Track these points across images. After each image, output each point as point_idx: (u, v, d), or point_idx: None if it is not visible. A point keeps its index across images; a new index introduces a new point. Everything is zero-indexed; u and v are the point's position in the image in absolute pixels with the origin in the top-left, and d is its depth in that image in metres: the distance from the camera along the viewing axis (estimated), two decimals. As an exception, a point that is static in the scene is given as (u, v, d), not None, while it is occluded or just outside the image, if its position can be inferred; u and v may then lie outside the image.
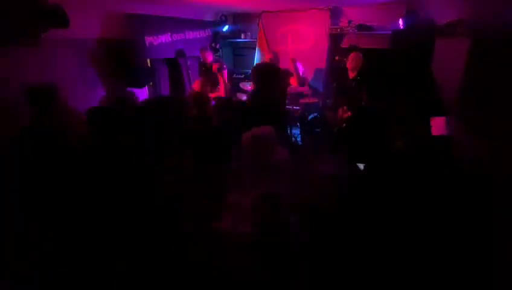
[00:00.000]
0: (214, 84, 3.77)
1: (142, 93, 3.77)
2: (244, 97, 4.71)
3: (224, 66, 3.95)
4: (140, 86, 3.49)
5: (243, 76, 5.57)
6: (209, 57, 4.01)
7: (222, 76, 3.81)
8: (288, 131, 4.34)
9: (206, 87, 3.11)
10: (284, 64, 4.67)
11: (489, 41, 1.66)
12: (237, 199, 1.62)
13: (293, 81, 4.13)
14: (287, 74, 3.65)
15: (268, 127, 1.59)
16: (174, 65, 4.08)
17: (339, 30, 4.45)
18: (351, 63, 3.17)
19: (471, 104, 1.77)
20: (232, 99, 2.62)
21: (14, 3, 1.98)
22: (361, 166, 1.93)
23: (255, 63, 5.04)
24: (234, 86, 5.40)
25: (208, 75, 3.87)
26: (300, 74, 4.35)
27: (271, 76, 2.37)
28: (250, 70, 3.50)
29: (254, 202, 1.47)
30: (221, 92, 3.78)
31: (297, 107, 4.33)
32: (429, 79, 2.55)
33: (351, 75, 3.20)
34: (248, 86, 4.75)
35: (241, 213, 1.54)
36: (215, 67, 3.72)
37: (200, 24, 4.72)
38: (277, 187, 1.53)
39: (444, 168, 1.11)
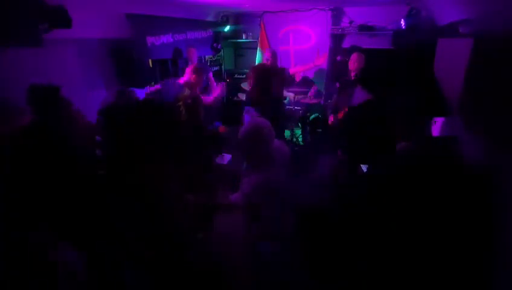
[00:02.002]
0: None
1: (143, 94, 3.78)
2: (244, 97, 4.71)
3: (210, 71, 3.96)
4: (141, 86, 3.50)
5: (244, 76, 5.58)
6: (194, 55, 3.95)
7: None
8: (290, 132, 4.35)
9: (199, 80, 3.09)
10: (285, 64, 4.68)
11: (492, 41, 1.66)
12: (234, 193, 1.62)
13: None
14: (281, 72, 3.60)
15: (265, 120, 1.59)
16: (165, 65, 4.06)
17: (340, 30, 4.45)
18: (354, 64, 3.14)
19: (473, 104, 1.77)
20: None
21: (17, 3, 1.98)
22: (363, 166, 1.93)
23: (256, 63, 5.05)
24: (235, 86, 5.42)
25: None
26: (301, 75, 4.35)
27: (266, 78, 2.43)
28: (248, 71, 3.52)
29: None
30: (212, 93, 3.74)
31: (299, 108, 4.33)
32: (431, 79, 2.55)
33: (353, 76, 3.17)
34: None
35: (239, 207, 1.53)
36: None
37: (202, 24, 4.72)
38: (274, 178, 1.52)
39: (450, 169, 1.11)
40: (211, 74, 4.04)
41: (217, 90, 3.70)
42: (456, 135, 1.39)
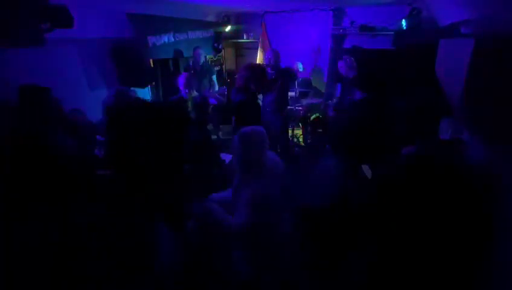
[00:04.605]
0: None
1: (144, 94, 3.78)
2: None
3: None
4: (142, 86, 3.50)
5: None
6: (199, 56, 4.02)
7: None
8: (291, 132, 4.35)
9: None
10: (286, 64, 4.67)
11: (494, 42, 1.65)
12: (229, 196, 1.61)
13: None
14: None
15: (259, 127, 1.58)
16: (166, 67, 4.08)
17: (341, 31, 4.44)
18: (343, 70, 3.21)
19: (475, 105, 1.76)
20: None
21: (18, 3, 1.98)
22: (364, 167, 1.92)
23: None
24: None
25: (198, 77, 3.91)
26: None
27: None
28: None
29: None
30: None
31: (300, 108, 4.32)
32: (432, 80, 2.54)
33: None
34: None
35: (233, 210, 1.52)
36: None
37: (203, 24, 4.72)
38: (268, 186, 1.51)
39: (456, 172, 1.10)
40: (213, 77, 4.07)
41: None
42: (460, 137, 1.39)
